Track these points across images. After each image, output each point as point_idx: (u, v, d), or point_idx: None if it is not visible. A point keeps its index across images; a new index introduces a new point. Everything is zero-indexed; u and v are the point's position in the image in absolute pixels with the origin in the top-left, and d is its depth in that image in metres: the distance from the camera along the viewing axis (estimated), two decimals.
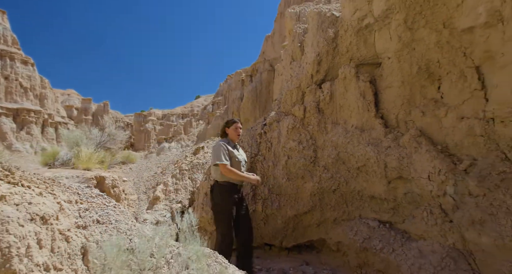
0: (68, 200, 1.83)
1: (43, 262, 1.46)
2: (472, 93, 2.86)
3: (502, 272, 2.39)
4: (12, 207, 1.42)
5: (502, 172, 2.51)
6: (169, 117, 68.97)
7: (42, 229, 1.51)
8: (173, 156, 8.64)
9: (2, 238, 1.32)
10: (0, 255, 1.31)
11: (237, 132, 3.59)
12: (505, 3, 2.40)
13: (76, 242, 1.68)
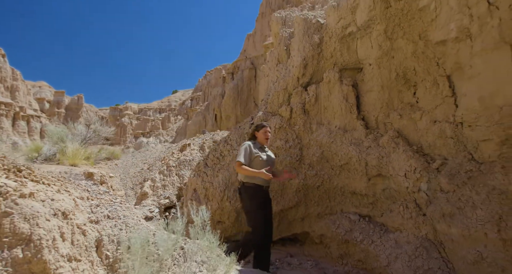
0: (80, 196, 1.93)
1: (66, 253, 1.57)
2: (443, 100, 3.18)
3: (467, 259, 2.72)
4: (39, 203, 1.53)
5: (469, 170, 2.83)
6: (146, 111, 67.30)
7: (63, 223, 1.62)
8: (158, 152, 8.63)
9: (33, 231, 1.44)
10: (33, 246, 1.42)
11: (265, 136, 3.66)
12: (473, 22, 2.71)
13: (91, 236, 1.80)
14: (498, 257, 2.34)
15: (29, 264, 1.41)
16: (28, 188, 1.54)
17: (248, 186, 3.46)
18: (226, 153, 4.59)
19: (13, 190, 1.48)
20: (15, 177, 1.58)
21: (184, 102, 56.09)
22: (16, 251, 1.38)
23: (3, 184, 1.47)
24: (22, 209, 1.45)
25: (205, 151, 6.63)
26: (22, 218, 1.43)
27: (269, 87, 5.31)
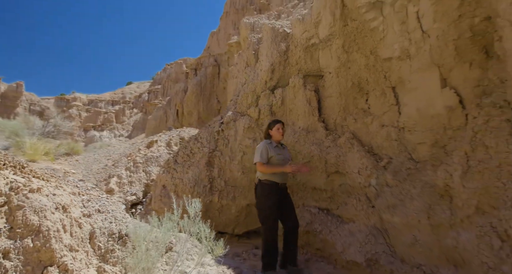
0: (72, 192, 2.08)
1: (68, 243, 1.76)
2: (390, 107, 3.72)
3: (405, 242, 3.26)
4: (45, 198, 1.69)
5: (408, 168, 3.39)
6: (97, 103, 62.69)
7: (64, 216, 1.79)
8: (123, 148, 8.45)
9: (42, 222, 1.61)
10: (42, 236, 1.60)
11: (279, 132, 3.70)
12: (411, 45, 3.24)
13: (86, 228, 1.98)
14: (427, 239, 2.89)
15: (38, 253, 1.58)
16: (35, 183, 1.69)
17: (265, 183, 3.55)
18: (196, 150, 4.80)
19: (23, 185, 1.62)
20: (21, 173, 1.71)
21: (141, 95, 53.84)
22: (27, 241, 1.55)
23: (13, 179, 1.61)
24: (32, 202, 1.61)
25: (172, 147, 6.73)
26: (32, 211, 1.59)
27: (238, 88, 5.59)
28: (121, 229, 2.20)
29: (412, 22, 3.29)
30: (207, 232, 1.87)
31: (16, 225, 1.53)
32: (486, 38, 2.79)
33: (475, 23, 2.80)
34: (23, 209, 1.57)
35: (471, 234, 2.40)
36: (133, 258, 1.81)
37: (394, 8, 3.46)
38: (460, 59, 2.94)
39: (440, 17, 2.98)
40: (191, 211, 1.92)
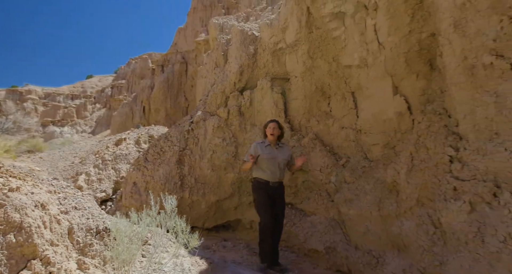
0: (48, 190, 2.15)
1: (49, 238, 1.84)
2: (349, 111, 4.08)
3: (359, 232, 3.62)
4: (24, 196, 1.76)
5: (363, 166, 3.76)
6: (55, 97, 58.29)
7: (43, 213, 1.88)
8: (89, 145, 8.16)
9: (23, 219, 1.69)
10: (24, 232, 1.68)
11: (269, 132, 3.78)
12: (369, 55, 3.60)
13: (64, 224, 2.06)
14: (377, 228, 3.27)
15: (21, 248, 1.66)
16: (13, 182, 1.76)
17: (254, 181, 3.76)
18: (167, 148, 4.88)
19: (2, 184, 1.69)
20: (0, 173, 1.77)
21: (104, 89, 51.33)
22: (9, 237, 1.63)
23: None
24: (13, 201, 1.68)
25: (141, 145, 6.69)
26: (13, 209, 1.66)
27: (207, 88, 5.72)
28: (98, 225, 2.29)
29: (370, 34, 3.64)
30: (183, 226, 2.03)
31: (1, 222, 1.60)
32: (431, 52, 3.20)
33: (422, 38, 3.19)
34: (4, 207, 1.64)
35: (412, 222, 2.78)
36: (114, 250, 1.93)
37: (354, 19, 3.79)
38: (409, 70, 3.33)
39: (393, 31, 3.34)
40: (168, 207, 2.07)
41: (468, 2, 2.42)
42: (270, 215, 3.62)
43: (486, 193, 2.11)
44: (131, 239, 1.89)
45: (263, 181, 3.68)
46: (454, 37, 2.52)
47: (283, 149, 3.87)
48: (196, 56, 15.38)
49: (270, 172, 3.68)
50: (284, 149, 3.89)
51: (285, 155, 3.83)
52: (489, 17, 2.25)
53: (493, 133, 2.18)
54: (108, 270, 2.18)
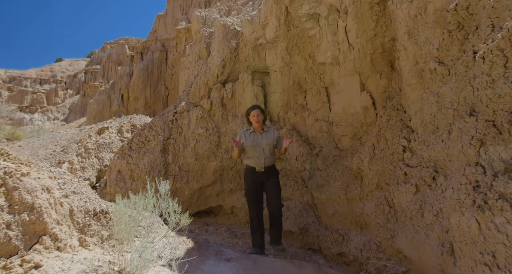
0: (50, 176, 2.38)
1: (55, 218, 2.11)
2: (323, 104, 4.45)
3: (328, 213, 4.05)
4: (33, 180, 2.01)
5: (334, 155, 4.17)
6: (21, 81, 54.42)
7: (49, 196, 2.13)
8: (70, 134, 8.12)
9: (35, 200, 1.95)
10: (35, 212, 1.94)
11: (253, 119, 3.76)
12: (340, 54, 3.96)
13: (66, 207, 2.32)
14: (344, 210, 3.70)
15: (34, 225, 1.92)
16: (24, 168, 1.99)
17: (245, 169, 3.87)
18: (151, 137, 5.10)
19: (15, 170, 1.92)
20: (9, 160, 1.99)
21: (76, 75, 49.23)
22: (23, 216, 1.88)
23: (6, 165, 1.90)
24: (25, 184, 1.92)
25: (124, 134, 6.81)
26: (26, 191, 1.91)
27: (190, 80, 5.92)
28: (95, 207, 2.55)
29: (341, 35, 3.99)
30: (176, 207, 2.33)
31: (14, 202, 1.85)
32: (392, 54, 3.59)
33: (385, 42, 3.58)
34: (18, 190, 1.88)
35: (372, 204, 3.22)
36: (114, 229, 2.21)
37: (328, 21, 4.13)
38: (374, 70, 3.73)
39: (361, 34, 3.71)
40: (161, 190, 2.36)
41: (419, 15, 2.80)
42: (255, 205, 3.74)
43: (427, 177, 2.55)
44: (129, 220, 2.17)
45: (250, 167, 3.76)
46: (408, 44, 2.90)
47: (268, 134, 3.82)
48: (176, 44, 15.28)
49: (255, 158, 3.72)
50: (269, 133, 3.83)
51: (270, 140, 3.78)
52: (434, 30, 2.64)
53: (435, 127, 2.60)
54: (106, 247, 2.46)
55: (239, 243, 4.29)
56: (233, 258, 3.15)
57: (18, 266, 1.70)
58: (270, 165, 3.81)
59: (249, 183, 3.78)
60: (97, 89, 28.63)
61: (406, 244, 2.66)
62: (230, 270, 2.83)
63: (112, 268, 2.12)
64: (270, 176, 3.80)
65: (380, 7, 3.50)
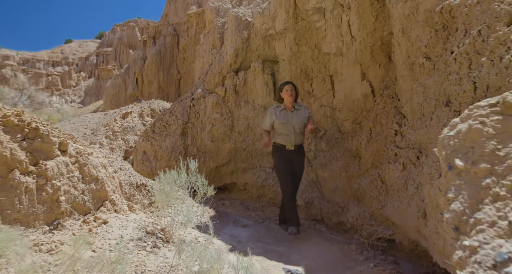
0: (103, 155, 2.96)
1: (111, 188, 2.69)
2: (327, 91, 4.89)
3: (330, 189, 4.59)
4: (96, 159, 2.58)
5: (336, 138, 4.65)
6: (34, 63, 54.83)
7: (106, 171, 2.71)
8: (96, 118, 8.79)
9: (98, 174, 2.52)
10: (99, 182, 2.52)
11: (287, 94, 3.70)
12: (343, 45, 4.35)
13: (116, 180, 2.90)
14: (343, 186, 4.23)
15: (98, 192, 2.51)
16: (89, 149, 2.56)
17: (274, 145, 3.84)
18: (172, 122, 5.65)
19: (83, 150, 2.49)
20: (77, 142, 2.56)
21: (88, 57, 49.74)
22: (92, 185, 2.46)
23: (76, 146, 2.47)
24: (91, 161, 2.49)
25: (145, 118, 7.41)
26: (92, 167, 2.48)
27: (205, 68, 6.38)
28: (137, 181, 3.14)
29: (344, 28, 4.37)
30: (203, 180, 2.88)
31: (85, 175, 2.42)
32: (389, 47, 3.97)
33: (384, 36, 3.96)
34: (87, 165, 2.45)
35: (367, 180, 3.73)
36: (156, 197, 2.79)
37: (333, 14, 4.49)
38: (374, 61, 4.12)
39: (362, 28, 4.08)
40: (192, 166, 2.91)
41: (412, 14, 3.18)
42: (289, 180, 3.70)
43: (413, 157, 3.03)
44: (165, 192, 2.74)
45: (279, 145, 3.73)
46: (402, 40, 3.30)
47: (300, 112, 3.78)
48: (187, 28, 15.56)
49: (285, 136, 3.69)
50: (301, 111, 3.79)
51: (301, 118, 3.74)
52: (424, 28, 3.02)
53: (421, 114, 3.05)
54: (148, 213, 3.07)
55: (252, 215, 4.90)
56: (248, 225, 3.75)
57: (93, 221, 2.30)
58: (300, 143, 3.81)
59: (279, 160, 3.76)
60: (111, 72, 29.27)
61: (393, 212, 3.19)
62: (246, 233, 3.43)
63: (155, 227, 2.72)
64: (299, 155, 3.80)
65: (379, 3, 3.86)
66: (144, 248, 2.30)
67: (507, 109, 1.03)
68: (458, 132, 1.12)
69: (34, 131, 2.10)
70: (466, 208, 0.99)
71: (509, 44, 1.84)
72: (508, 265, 0.77)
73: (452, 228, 1.02)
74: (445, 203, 1.10)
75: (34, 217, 1.94)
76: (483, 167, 0.99)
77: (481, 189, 0.97)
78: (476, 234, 0.90)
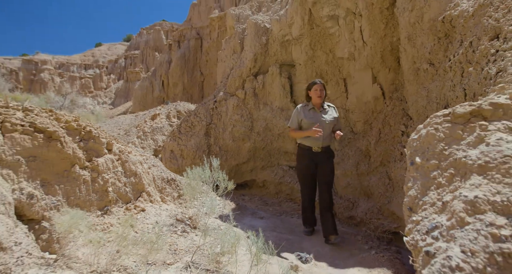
0: (139, 154, 3.43)
1: (147, 182, 3.15)
2: (341, 94, 5.16)
3: (343, 186, 4.85)
4: (134, 156, 3.04)
5: (349, 138, 4.92)
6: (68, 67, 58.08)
7: (142, 167, 3.17)
8: (128, 119, 9.56)
9: (137, 169, 2.98)
10: (137, 176, 2.97)
11: (316, 94, 3.47)
12: (356, 51, 4.61)
13: (150, 175, 3.36)
14: (355, 182, 4.50)
15: (137, 185, 2.97)
16: (128, 148, 3.03)
17: (299, 147, 3.58)
18: (196, 123, 6.12)
19: (124, 149, 2.96)
20: (118, 142, 3.03)
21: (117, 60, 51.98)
22: (131, 179, 2.92)
23: (119, 146, 2.94)
24: (131, 159, 2.96)
25: (171, 119, 7.98)
26: (131, 163, 2.94)
27: (226, 72, 6.80)
28: (168, 176, 3.59)
29: (357, 34, 4.63)
30: (225, 176, 3.29)
31: (126, 170, 2.89)
32: (399, 52, 4.20)
33: (393, 41, 4.19)
34: (128, 162, 2.92)
35: (376, 177, 3.99)
36: (184, 191, 3.22)
37: (345, 21, 4.76)
38: (384, 65, 4.36)
39: (373, 34, 4.33)
40: (214, 164, 3.32)
41: (417, 22, 3.41)
42: (308, 186, 3.55)
43: None
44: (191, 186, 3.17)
45: (306, 147, 3.48)
46: (408, 46, 3.54)
47: (329, 112, 3.56)
48: (210, 32, 16.15)
49: (313, 137, 3.39)
50: (330, 112, 3.57)
51: (330, 118, 3.51)
52: (428, 36, 3.26)
53: (425, 116, 3.29)
54: (177, 204, 3.51)
55: (270, 209, 5.26)
56: (265, 217, 4.12)
57: (133, 209, 2.76)
58: (328, 145, 3.55)
59: (304, 163, 3.52)
60: (138, 74, 30.61)
61: (398, 207, 3.45)
62: (263, 223, 3.80)
63: (184, 216, 3.15)
64: (326, 158, 3.52)
65: (389, 11, 4.10)
66: (175, 232, 2.73)
67: (455, 118, 1.33)
68: (420, 136, 1.43)
69: (88, 134, 2.57)
70: (418, 194, 1.30)
71: (489, 57, 2.08)
72: (434, 231, 1.09)
73: (408, 208, 1.33)
74: (406, 190, 1.41)
75: (90, 203, 2.41)
76: (433, 163, 1.30)
77: (430, 179, 1.28)
78: (421, 211, 1.22)
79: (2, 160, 1.93)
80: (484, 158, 1.12)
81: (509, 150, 1.10)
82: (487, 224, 0.96)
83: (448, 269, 0.92)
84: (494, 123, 1.22)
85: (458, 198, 1.09)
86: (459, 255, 0.94)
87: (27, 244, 1.73)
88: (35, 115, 2.30)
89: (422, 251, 1.07)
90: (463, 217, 1.02)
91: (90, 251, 2.01)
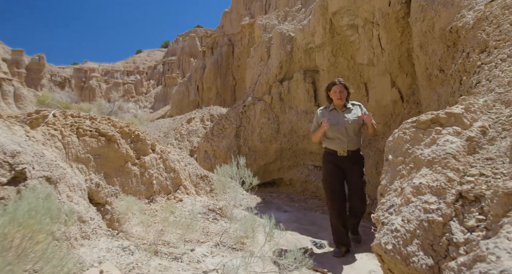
0: (177, 153, 4.01)
1: (184, 177, 3.71)
2: (362, 97, 5.42)
3: None
4: (173, 155, 3.61)
5: (370, 139, 5.17)
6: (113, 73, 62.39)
7: (179, 164, 3.73)
8: (167, 123, 10.52)
9: (175, 166, 3.54)
10: (175, 172, 3.54)
11: (336, 96, 3.20)
12: (375, 57, 4.87)
13: (186, 171, 3.92)
14: (374, 181, 4.76)
15: (175, 179, 3.53)
16: (168, 148, 3.61)
17: (324, 151, 3.31)
18: (227, 126, 6.67)
19: (165, 149, 3.54)
20: (159, 143, 3.63)
21: (156, 66, 54.81)
22: (171, 174, 3.49)
23: (160, 146, 3.52)
24: (170, 157, 3.53)
25: (205, 122, 8.67)
26: (171, 161, 3.51)
27: (254, 78, 7.30)
28: (201, 173, 4.14)
29: (375, 41, 4.90)
30: (250, 173, 3.77)
31: (166, 167, 3.46)
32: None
33: (409, 48, 4.42)
34: (167, 160, 3.49)
35: None
36: (215, 185, 3.74)
37: (364, 29, 5.05)
38: (401, 70, 4.60)
39: (390, 41, 4.59)
40: (241, 162, 3.81)
41: (428, 31, 3.66)
42: (334, 197, 3.15)
43: None
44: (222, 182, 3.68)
45: (331, 151, 3.20)
46: (420, 54, 3.79)
47: (353, 111, 3.28)
48: (241, 38, 16.86)
49: (337, 140, 3.15)
50: (355, 111, 3.29)
51: (354, 118, 3.22)
52: (438, 44, 3.50)
53: None
54: (209, 197, 4.04)
55: (295, 205, 5.65)
56: (288, 211, 4.53)
57: (173, 199, 3.32)
58: (355, 148, 3.26)
59: (329, 169, 3.22)
60: (175, 80, 32.34)
61: None
62: (286, 216, 4.22)
63: (215, 207, 3.67)
64: (354, 163, 3.23)
65: (404, 20, 4.34)
66: (207, 219, 3.25)
67: (419, 124, 1.67)
68: (393, 138, 1.78)
69: (137, 137, 3.17)
70: (387, 183, 1.66)
71: (476, 69, 2.35)
72: (391, 208, 1.46)
73: (380, 194, 1.70)
74: (380, 180, 1.78)
75: (139, 193, 3.00)
76: (400, 159, 1.66)
77: (396, 172, 1.64)
78: (387, 196, 1.58)
79: (78, 157, 2.55)
80: (432, 154, 1.48)
81: (450, 149, 1.45)
82: (423, 201, 1.34)
83: (390, 231, 1.31)
84: (446, 128, 1.57)
85: (410, 185, 1.46)
86: (399, 222, 1.32)
87: (98, 220, 2.31)
88: (98, 123, 2.93)
89: (380, 222, 1.46)
90: (409, 197, 1.40)
91: (141, 229, 2.58)
